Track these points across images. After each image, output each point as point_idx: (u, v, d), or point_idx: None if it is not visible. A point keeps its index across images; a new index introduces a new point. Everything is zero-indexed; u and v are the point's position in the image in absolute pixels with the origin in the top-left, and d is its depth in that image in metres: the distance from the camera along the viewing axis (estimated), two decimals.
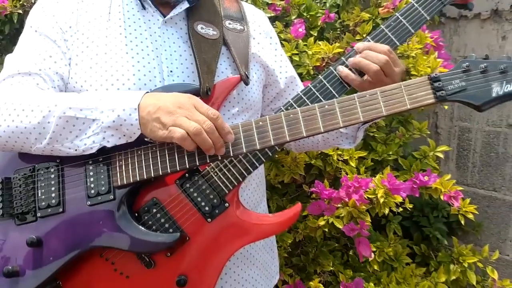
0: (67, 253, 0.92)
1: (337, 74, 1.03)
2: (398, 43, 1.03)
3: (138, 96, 0.89)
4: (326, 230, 1.53)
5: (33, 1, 2.29)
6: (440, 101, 0.85)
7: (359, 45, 1.02)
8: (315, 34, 1.71)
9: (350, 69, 1.03)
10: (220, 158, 0.91)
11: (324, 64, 1.60)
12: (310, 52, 1.58)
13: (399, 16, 1.03)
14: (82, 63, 1.00)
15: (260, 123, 0.92)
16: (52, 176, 0.95)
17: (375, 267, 1.60)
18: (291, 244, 1.58)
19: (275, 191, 1.67)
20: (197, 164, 0.91)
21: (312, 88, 1.03)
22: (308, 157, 1.58)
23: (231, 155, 0.91)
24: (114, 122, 0.89)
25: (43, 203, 0.94)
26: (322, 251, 1.61)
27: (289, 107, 1.02)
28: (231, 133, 0.89)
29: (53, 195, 0.94)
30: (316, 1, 1.80)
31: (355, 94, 0.89)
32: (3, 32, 2.37)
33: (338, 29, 1.76)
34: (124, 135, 0.90)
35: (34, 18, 1.07)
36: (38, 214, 0.94)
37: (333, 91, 1.03)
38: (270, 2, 1.71)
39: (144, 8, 1.06)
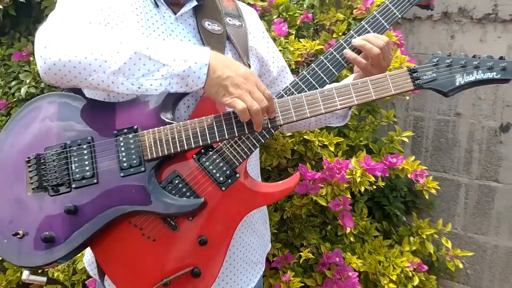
0: (102, 219, 1.00)
1: (336, 55, 1.18)
2: (387, 26, 1.18)
3: (207, 52, 0.97)
4: (310, 207, 1.69)
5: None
6: (417, 88, 1.03)
7: (355, 41, 1.17)
8: (293, 32, 1.87)
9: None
10: (247, 132, 1.03)
11: (303, 59, 1.76)
12: (291, 49, 1.73)
13: (376, 14, 1.20)
14: None
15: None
16: (85, 151, 1.03)
17: (351, 238, 1.78)
18: (278, 221, 1.73)
19: (263, 175, 1.80)
20: (217, 139, 1.04)
21: (315, 67, 1.16)
22: (291, 142, 1.73)
23: (269, 126, 1.04)
24: (184, 72, 0.96)
25: (78, 176, 1.02)
26: (306, 227, 1.77)
27: (288, 92, 1.15)
28: (275, 112, 1.02)
29: (87, 168, 1.02)
30: (293, 2, 1.96)
31: (349, 82, 1.05)
32: None
33: (312, 28, 1.93)
34: (186, 85, 0.98)
35: None
36: (73, 186, 1.01)
37: (333, 70, 1.16)
38: (252, 2, 1.85)
39: (157, 5, 1.15)
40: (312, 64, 1.18)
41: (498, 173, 2.33)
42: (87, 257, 1.27)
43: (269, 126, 1.05)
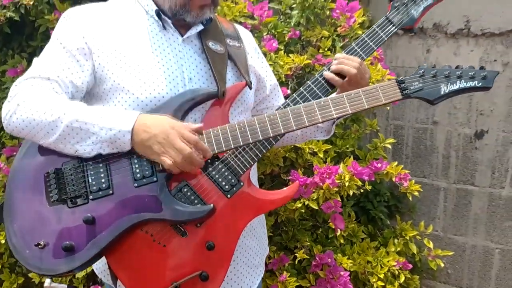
0: (118, 227, 1.07)
1: (321, 80, 1.29)
2: (365, 57, 1.31)
3: (132, 120, 1.06)
4: (303, 211, 1.78)
5: (7, 16, 2.34)
6: (405, 97, 1.14)
7: (338, 55, 1.28)
8: (282, 48, 1.97)
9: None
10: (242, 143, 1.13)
11: (292, 73, 1.86)
12: (281, 63, 1.83)
13: (365, 37, 1.31)
14: (117, 70, 1.15)
15: (272, 117, 1.15)
16: (101, 165, 1.10)
17: (341, 240, 1.87)
18: (273, 225, 1.81)
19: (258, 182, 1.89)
20: (232, 147, 1.14)
21: (303, 91, 1.27)
22: (283, 151, 1.83)
23: (271, 135, 1.14)
24: (110, 139, 1.07)
25: (94, 188, 1.08)
26: (299, 230, 1.86)
27: (287, 106, 1.25)
28: (209, 151, 1.10)
29: (103, 180, 1.09)
30: (281, 20, 2.06)
31: (343, 93, 1.15)
32: None
33: (300, 44, 2.04)
34: (116, 148, 1.09)
35: (60, 31, 1.18)
36: (90, 197, 1.08)
37: (319, 93, 1.28)
38: (243, 21, 1.94)
39: (165, 28, 1.23)
40: (301, 88, 1.28)
41: (474, 177, 2.47)
42: (97, 265, 1.33)
43: (271, 136, 1.14)
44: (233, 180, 1.17)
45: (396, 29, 1.32)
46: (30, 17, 2.31)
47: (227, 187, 1.17)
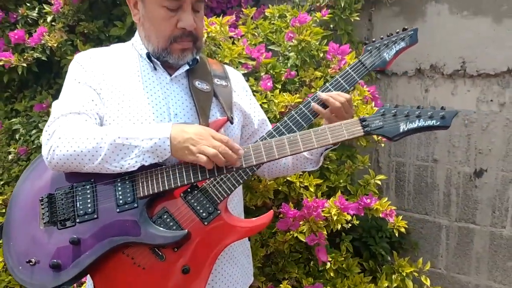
0: (100, 248, 1.15)
1: (305, 111, 1.35)
2: (348, 88, 1.38)
3: (168, 128, 1.16)
4: (292, 243, 1.81)
5: (35, 56, 2.56)
6: (366, 134, 1.19)
7: (321, 94, 1.35)
8: (279, 87, 2.07)
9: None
10: (225, 171, 1.20)
11: (287, 110, 1.95)
12: (276, 101, 1.92)
13: (339, 78, 1.39)
14: (112, 106, 1.27)
15: (245, 149, 1.22)
16: (88, 191, 1.20)
17: (331, 274, 1.88)
18: (264, 256, 1.85)
19: (249, 213, 1.95)
20: (200, 179, 1.20)
21: (287, 120, 1.34)
22: (276, 184, 1.89)
23: (244, 167, 1.21)
24: (151, 147, 1.15)
25: (81, 212, 1.18)
26: (289, 262, 1.88)
27: (268, 136, 1.32)
28: (241, 149, 1.19)
29: (89, 205, 1.19)
30: (279, 61, 2.17)
31: (311, 129, 1.22)
32: (3, 82, 2.62)
33: (297, 83, 2.13)
34: (157, 157, 1.16)
35: (74, 72, 1.32)
36: (77, 220, 1.17)
37: (302, 122, 1.34)
38: (243, 62, 2.06)
39: (155, 69, 1.35)
40: (285, 117, 1.37)
41: (475, 216, 2.44)
42: (89, 283, 1.40)
43: (244, 166, 1.21)
44: (210, 208, 1.24)
45: (368, 71, 1.39)
46: (55, 57, 2.52)
47: (204, 214, 1.23)
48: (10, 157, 2.63)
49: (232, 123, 1.37)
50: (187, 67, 1.36)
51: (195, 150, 1.14)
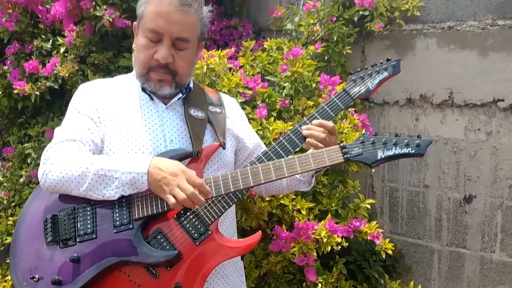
0: (98, 266, 1.22)
1: (293, 137, 1.42)
2: (333, 115, 1.45)
3: (147, 162, 1.23)
4: (285, 264, 1.86)
5: (48, 85, 2.68)
6: (346, 161, 1.26)
7: (304, 132, 1.41)
8: (275, 115, 2.15)
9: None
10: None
11: (279, 136, 2.02)
12: (271, 128, 2.00)
13: (325, 106, 1.47)
14: (112, 133, 1.37)
15: (234, 174, 1.30)
16: (88, 213, 1.28)
17: None
18: (257, 277, 1.90)
19: (245, 234, 2.00)
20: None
21: (275, 146, 1.41)
22: (270, 207, 1.95)
23: (214, 195, 1.27)
24: (130, 180, 1.24)
25: (82, 232, 1.26)
26: (281, 283, 1.93)
27: (257, 161, 1.39)
28: (210, 192, 1.24)
29: (89, 226, 1.26)
30: (275, 91, 2.26)
31: (295, 156, 1.29)
32: (17, 109, 2.73)
33: (292, 111, 2.22)
34: (136, 188, 1.25)
35: (76, 102, 1.43)
36: (78, 240, 1.25)
37: (289, 148, 1.41)
38: (241, 91, 2.16)
39: (152, 99, 1.45)
40: (273, 143, 1.44)
41: (465, 241, 2.46)
42: None
43: (232, 190, 1.28)
44: (202, 229, 1.31)
45: (352, 99, 1.46)
46: (67, 86, 2.63)
47: (196, 235, 1.30)
48: (21, 180, 2.72)
49: (224, 148, 1.45)
50: (180, 95, 1.45)
51: (167, 190, 1.21)
